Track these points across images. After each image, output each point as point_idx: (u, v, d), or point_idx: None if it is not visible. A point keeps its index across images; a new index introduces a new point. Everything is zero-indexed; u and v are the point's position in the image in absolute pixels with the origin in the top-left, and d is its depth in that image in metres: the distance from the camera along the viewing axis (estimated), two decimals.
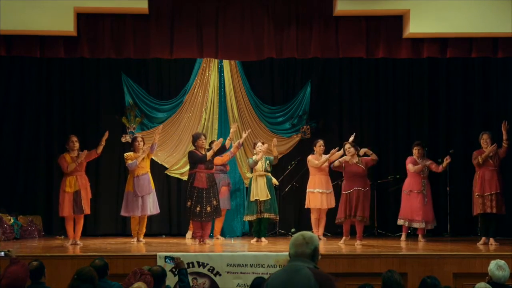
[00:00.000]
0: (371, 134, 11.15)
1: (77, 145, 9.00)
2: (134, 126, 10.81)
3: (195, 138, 9.21)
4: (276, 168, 10.89)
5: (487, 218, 8.90)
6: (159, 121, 10.91)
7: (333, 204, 9.67)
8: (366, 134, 11.17)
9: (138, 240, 9.44)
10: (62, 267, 7.03)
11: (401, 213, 9.77)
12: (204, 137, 9.25)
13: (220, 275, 7.38)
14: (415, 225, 9.65)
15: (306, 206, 9.95)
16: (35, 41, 8.59)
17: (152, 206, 9.51)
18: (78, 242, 8.88)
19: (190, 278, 7.27)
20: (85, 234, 10.58)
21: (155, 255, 7.24)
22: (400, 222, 9.81)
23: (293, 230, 10.05)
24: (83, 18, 8.61)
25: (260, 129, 11.00)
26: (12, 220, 9.87)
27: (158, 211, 9.71)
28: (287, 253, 7.66)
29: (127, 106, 10.86)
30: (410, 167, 9.66)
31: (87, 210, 8.96)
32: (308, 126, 11.01)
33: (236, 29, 8.81)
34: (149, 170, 9.56)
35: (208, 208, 8.85)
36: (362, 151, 8.99)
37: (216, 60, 10.78)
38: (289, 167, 10.73)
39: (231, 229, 10.65)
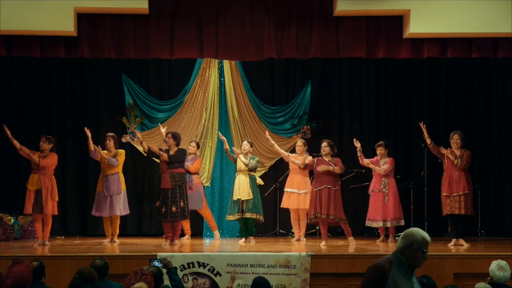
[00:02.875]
0: (371, 134, 11.15)
1: (44, 145, 8.92)
2: (134, 126, 10.80)
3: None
4: (277, 168, 10.90)
5: (456, 219, 8.85)
6: (159, 121, 10.90)
7: (307, 206, 9.53)
8: (366, 134, 11.17)
9: (112, 241, 9.37)
10: (62, 267, 7.03)
11: (367, 214, 9.74)
12: (171, 135, 8.96)
13: (220, 275, 7.37)
14: (374, 224, 9.59)
15: (281, 205, 9.97)
16: (35, 41, 8.60)
17: (122, 206, 9.45)
18: (47, 242, 8.81)
19: (190, 278, 7.30)
20: (86, 234, 10.62)
21: (155, 256, 7.23)
22: (366, 223, 9.76)
23: (292, 230, 10.04)
24: (83, 18, 8.62)
25: (261, 129, 11.00)
26: (12, 220, 9.86)
27: (128, 212, 9.66)
28: (287, 253, 7.68)
29: (127, 106, 10.86)
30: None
31: (48, 210, 8.79)
32: (309, 127, 11.00)
33: (236, 29, 8.81)
34: (120, 171, 9.47)
35: (174, 209, 8.68)
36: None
37: (216, 60, 10.78)
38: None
39: (231, 229, 10.67)
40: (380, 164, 9.58)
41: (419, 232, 3.78)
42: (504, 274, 5.45)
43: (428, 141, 9.01)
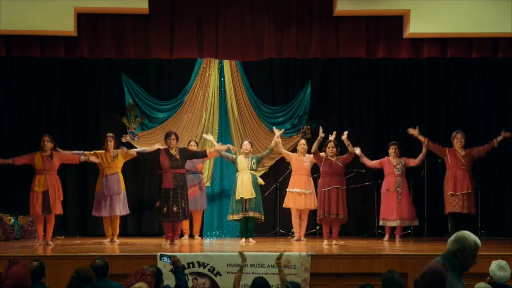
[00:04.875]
0: (371, 134, 11.15)
1: (48, 144, 8.92)
2: (134, 126, 10.81)
3: (165, 137, 9.02)
4: (277, 168, 10.90)
5: (458, 218, 8.85)
6: (159, 121, 10.93)
7: (313, 205, 9.56)
8: (367, 134, 11.17)
9: (112, 241, 9.37)
10: (62, 267, 7.03)
11: (380, 214, 9.79)
12: (174, 136, 8.98)
13: (220, 275, 7.37)
14: (390, 223, 9.61)
15: (284, 206, 9.95)
16: (35, 41, 8.60)
17: (121, 206, 9.45)
18: (50, 242, 8.81)
19: (190, 278, 7.30)
20: (86, 234, 10.62)
21: (155, 255, 7.22)
22: (380, 222, 9.82)
23: (292, 230, 10.04)
24: (83, 18, 8.63)
25: (261, 129, 11.00)
26: (12, 220, 9.86)
27: (128, 212, 9.67)
28: (287, 253, 7.68)
29: (127, 106, 10.86)
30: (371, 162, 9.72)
31: (55, 210, 8.86)
32: (309, 126, 11.01)
33: (236, 29, 8.82)
34: (119, 171, 9.46)
35: (175, 208, 8.67)
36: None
37: (216, 60, 10.78)
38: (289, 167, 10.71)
39: (231, 229, 10.68)
40: (393, 163, 9.60)
41: (471, 236, 3.91)
42: (504, 274, 5.45)
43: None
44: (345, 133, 9.05)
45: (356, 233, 10.62)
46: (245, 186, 9.30)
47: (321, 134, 8.96)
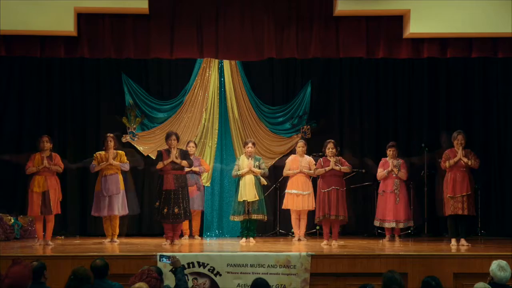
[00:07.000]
0: (371, 134, 11.15)
1: (47, 145, 8.95)
2: (134, 126, 10.81)
3: (166, 137, 9.09)
4: (277, 168, 10.88)
5: (457, 220, 8.85)
6: (159, 121, 10.93)
7: (311, 206, 9.57)
8: (366, 134, 11.17)
9: (112, 241, 9.37)
10: (62, 267, 7.03)
11: (376, 214, 9.83)
12: (175, 136, 9.03)
13: (220, 275, 7.38)
14: (386, 225, 9.66)
15: (283, 207, 9.97)
16: (35, 41, 8.59)
17: (120, 206, 9.46)
18: (50, 242, 8.83)
19: (190, 278, 7.31)
20: (86, 234, 10.62)
21: (155, 255, 7.23)
22: (375, 223, 9.87)
23: (292, 230, 10.04)
24: (83, 18, 8.62)
25: (261, 129, 11.00)
26: (12, 220, 9.86)
27: (127, 212, 9.69)
28: (287, 253, 7.70)
29: (127, 106, 10.86)
30: (378, 172, 9.79)
31: (55, 210, 8.91)
32: (309, 126, 11.01)
33: (236, 29, 8.81)
34: (119, 171, 9.48)
35: (176, 210, 8.70)
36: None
37: (217, 60, 10.78)
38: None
39: (231, 229, 10.68)
40: (390, 165, 9.62)
41: None
42: (505, 274, 5.46)
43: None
44: (332, 162, 8.94)
45: (356, 233, 10.63)
46: (248, 188, 9.30)
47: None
